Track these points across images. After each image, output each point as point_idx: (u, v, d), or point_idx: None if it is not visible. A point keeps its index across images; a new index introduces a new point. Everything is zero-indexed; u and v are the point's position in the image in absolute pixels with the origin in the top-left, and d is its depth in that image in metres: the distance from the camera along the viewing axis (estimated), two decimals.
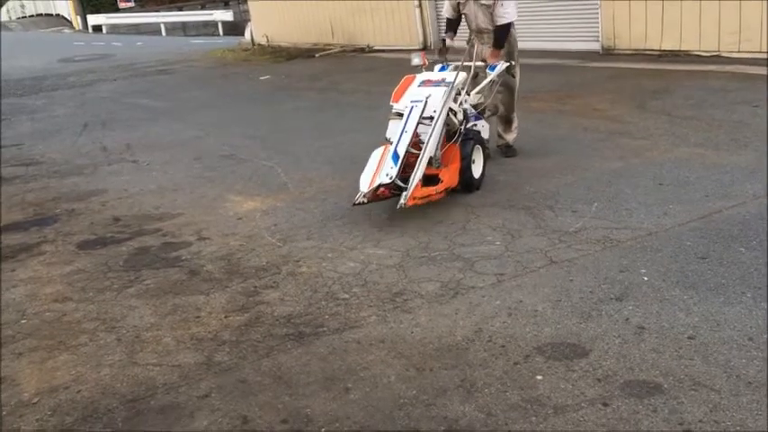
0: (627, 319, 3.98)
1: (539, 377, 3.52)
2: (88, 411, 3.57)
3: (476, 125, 6.86)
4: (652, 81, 10.44)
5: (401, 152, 5.76)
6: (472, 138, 6.49)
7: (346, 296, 4.62)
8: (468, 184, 6.31)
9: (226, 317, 4.45)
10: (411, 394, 3.45)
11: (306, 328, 4.22)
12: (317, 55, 19.82)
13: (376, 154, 5.94)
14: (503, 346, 3.81)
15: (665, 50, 12.99)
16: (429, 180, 5.96)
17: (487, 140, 7.09)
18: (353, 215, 6.12)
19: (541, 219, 5.63)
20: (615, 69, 11.71)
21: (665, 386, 3.33)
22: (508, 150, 7.68)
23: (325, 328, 4.22)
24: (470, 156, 6.35)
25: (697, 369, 3.45)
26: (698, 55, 12.40)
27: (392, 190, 5.63)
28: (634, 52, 13.50)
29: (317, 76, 15.27)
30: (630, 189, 6.11)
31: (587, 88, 10.53)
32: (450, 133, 6.42)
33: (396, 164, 5.68)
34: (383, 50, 18.93)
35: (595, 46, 14.35)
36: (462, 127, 6.47)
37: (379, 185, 5.56)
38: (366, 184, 5.61)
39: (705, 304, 4.05)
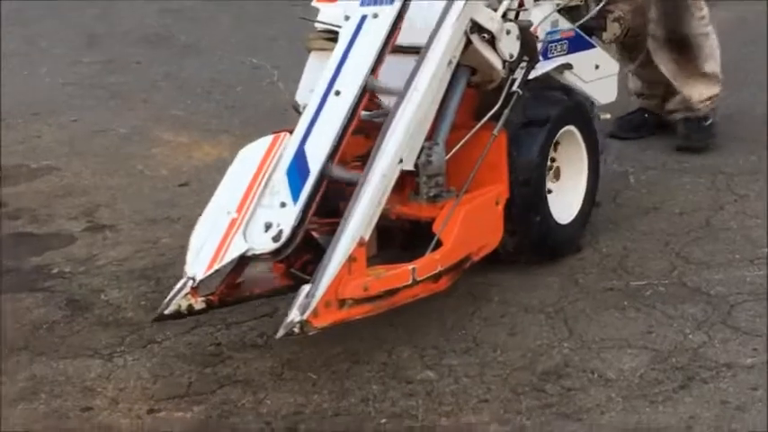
0: None
1: None
2: None
3: (568, 69, 4.83)
4: None
5: (315, 160, 3.90)
6: (554, 104, 4.45)
7: None
8: (538, 244, 4.36)
9: (152, 411, 3.70)
10: None
11: None
12: None
13: (244, 162, 4.12)
14: None
15: None
16: (409, 237, 4.19)
17: (597, 110, 4.96)
18: None
19: None
20: None
21: None
22: (694, 131, 5.73)
23: None
24: (542, 160, 4.36)
25: None
26: None
27: (287, 273, 3.96)
28: None
29: None
30: None
31: None
32: (480, 99, 4.37)
33: (297, 193, 3.85)
34: None
35: None
36: (519, 77, 4.44)
37: (244, 257, 3.76)
38: (204, 255, 3.83)
39: None
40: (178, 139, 6.48)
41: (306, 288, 3.48)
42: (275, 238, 3.71)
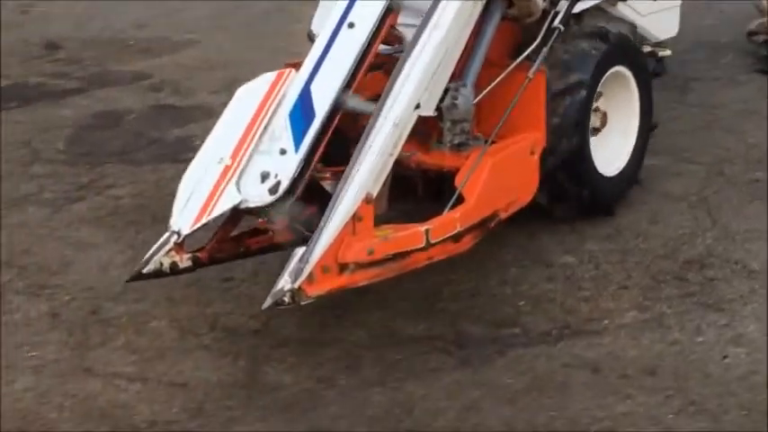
0: None
1: None
2: None
3: (622, 1, 4.20)
4: None
5: (322, 102, 3.50)
6: (602, 41, 3.93)
7: None
8: (579, 202, 3.90)
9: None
10: None
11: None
12: None
13: (242, 103, 3.72)
14: None
15: None
16: (433, 186, 3.78)
17: (652, 46, 4.44)
18: None
19: None
20: None
21: None
22: None
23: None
24: (585, 109, 3.85)
25: None
26: None
27: (288, 230, 3.45)
28: None
29: None
30: None
31: None
32: (521, 33, 3.90)
33: (299, 140, 3.46)
34: None
35: None
36: (563, 11, 3.83)
37: (237, 209, 3.41)
38: (192, 207, 3.45)
39: None
40: None
41: (300, 251, 3.10)
42: (272, 190, 3.30)
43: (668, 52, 4.32)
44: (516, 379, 3.03)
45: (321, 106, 3.37)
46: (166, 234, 3.31)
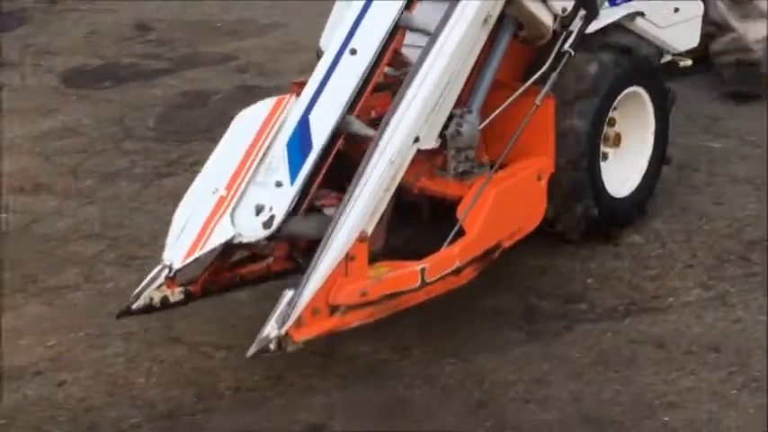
0: None
1: None
2: None
3: (640, 17, 3.81)
4: None
5: (320, 132, 3.19)
6: (615, 67, 3.58)
7: None
8: (587, 224, 3.59)
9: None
10: None
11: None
12: None
13: (240, 130, 3.43)
14: None
15: None
16: (438, 210, 3.45)
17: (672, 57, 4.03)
18: None
19: None
20: None
21: None
22: (747, 76, 4.86)
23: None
24: (595, 133, 3.54)
25: None
26: None
27: (288, 256, 3.33)
28: None
29: None
30: None
31: None
32: (533, 54, 3.55)
33: (296, 171, 3.18)
34: None
35: None
36: (575, 32, 3.48)
37: (231, 244, 3.14)
38: (184, 240, 3.18)
39: None
40: None
41: (289, 294, 2.83)
42: (266, 224, 3.02)
43: (689, 62, 3.98)
44: (584, 353, 3.03)
45: (319, 137, 3.07)
46: (158, 267, 3.07)
